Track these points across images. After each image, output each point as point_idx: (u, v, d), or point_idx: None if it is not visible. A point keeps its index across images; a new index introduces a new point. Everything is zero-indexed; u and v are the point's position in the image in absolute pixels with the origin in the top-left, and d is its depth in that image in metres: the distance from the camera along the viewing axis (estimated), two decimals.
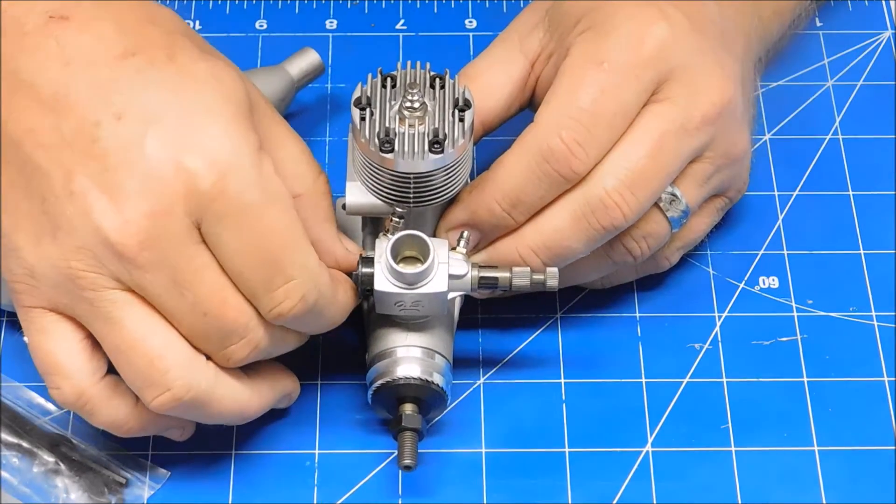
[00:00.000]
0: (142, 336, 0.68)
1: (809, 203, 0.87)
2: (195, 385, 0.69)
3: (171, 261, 0.66)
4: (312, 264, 0.69)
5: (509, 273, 0.73)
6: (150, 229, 0.66)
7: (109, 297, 0.67)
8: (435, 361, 0.75)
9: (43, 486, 0.75)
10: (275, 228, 0.67)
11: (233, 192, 0.66)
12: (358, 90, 0.72)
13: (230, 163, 0.66)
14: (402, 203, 0.73)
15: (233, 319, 0.68)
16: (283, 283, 0.68)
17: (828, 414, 0.79)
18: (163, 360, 0.68)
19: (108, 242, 0.66)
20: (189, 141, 0.66)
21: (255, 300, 0.68)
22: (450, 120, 0.71)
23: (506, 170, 0.73)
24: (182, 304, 0.67)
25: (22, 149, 0.67)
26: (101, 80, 0.67)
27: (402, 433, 0.74)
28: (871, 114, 0.91)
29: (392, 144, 0.71)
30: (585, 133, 0.72)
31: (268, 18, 0.95)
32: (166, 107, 0.67)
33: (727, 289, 0.83)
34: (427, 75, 0.73)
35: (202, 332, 0.68)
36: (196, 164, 0.66)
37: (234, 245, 0.67)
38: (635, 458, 0.77)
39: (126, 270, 0.66)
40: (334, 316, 0.72)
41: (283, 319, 0.69)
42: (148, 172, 0.66)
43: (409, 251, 0.73)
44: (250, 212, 0.67)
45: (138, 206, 0.66)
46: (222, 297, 0.68)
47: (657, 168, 0.74)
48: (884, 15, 0.95)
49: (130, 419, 0.71)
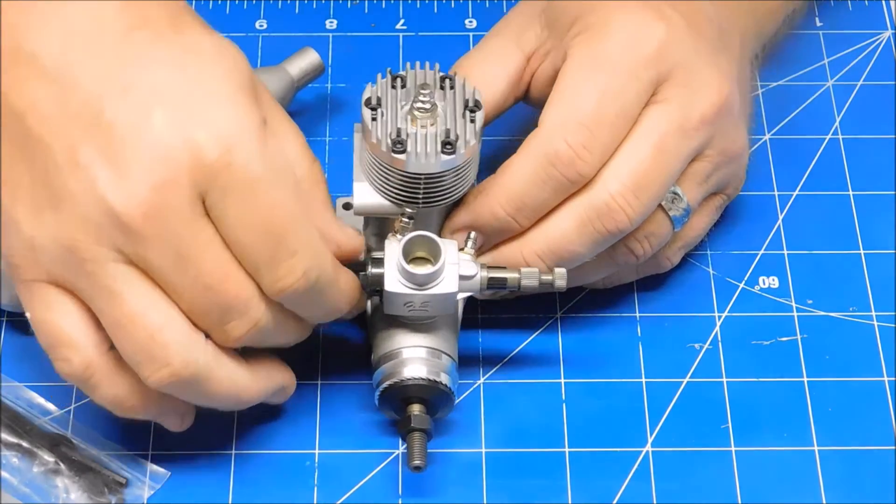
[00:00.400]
0: (142, 310, 0.67)
1: (809, 203, 0.87)
2: (194, 361, 0.68)
3: (175, 234, 0.66)
4: (315, 241, 0.69)
5: (518, 274, 0.74)
6: (155, 201, 0.65)
7: (111, 271, 0.67)
8: (441, 361, 0.75)
9: (43, 486, 0.75)
10: (280, 202, 0.67)
11: (239, 166, 0.66)
12: (368, 90, 0.72)
13: (236, 137, 0.66)
14: (411, 203, 0.73)
15: (234, 294, 0.68)
16: (286, 257, 0.67)
17: (828, 414, 0.79)
18: (163, 335, 0.68)
19: (112, 214, 0.66)
20: (195, 114, 0.66)
21: (257, 275, 0.68)
22: (461, 121, 0.71)
23: (511, 174, 0.74)
24: (184, 278, 0.67)
25: (24, 122, 0.67)
26: (106, 53, 0.67)
27: (410, 434, 0.74)
28: (871, 114, 0.91)
29: (404, 145, 0.71)
30: (590, 136, 0.73)
31: (268, 18, 0.95)
32: (172, 80, 0.67)
33: (727, 289, 0.83)
34: (437, 76, 0.73)
35: (203, 307, 0.68)
36: (202, 137, 0.66)
37: (239, 219, 0.67)
38: (635, 458, 0.77)
39: (129, 243, 0.66)
40: (336, 302, 0.72)
41: (285, 295, 0.69)
42: (154, 145, 0.66)
43: (420, 252, 0.73)
44: (256, 185, 0.66)
45: (144, 177, 0.65)
46: (225, 271, 0.67)
47: (659, 170, 0.74)
48: (884, 15, 0.95)
49: (133, 396, 0.71)
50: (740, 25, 0.80)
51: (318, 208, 0.72)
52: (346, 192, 0.81)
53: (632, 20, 0.75)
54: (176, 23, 0.68)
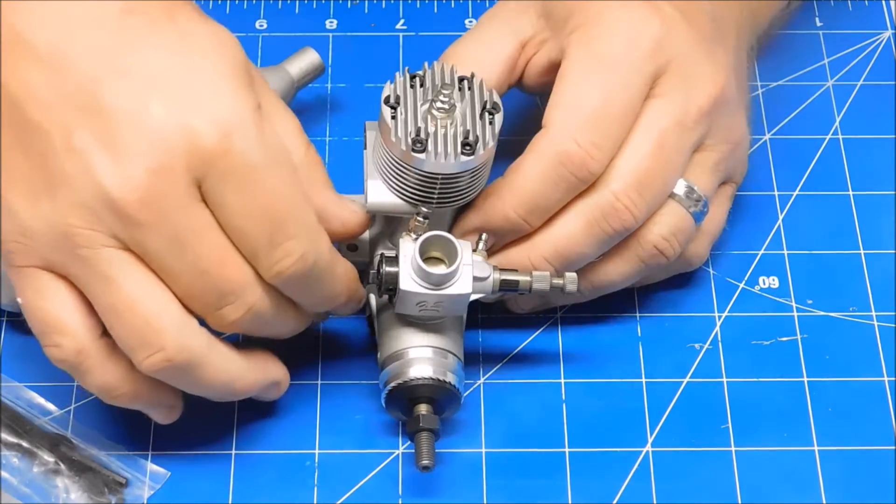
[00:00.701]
0: (138, 296, 0.67)
1: (809, 203, 0.87)
2: (188, 347, 0.68)
3: (172, 219, 0.66)
4: (313, 224, 0.69)
5: (530, 277, 0.74)
6: (152, 186, 0.65)
7: (106, 256, 0.67)
8: (448, 361, 0.75)
9: (43, 486, 0.75)
10: (278, 188, 0.67)
11: (237, 151, 0.66)
12: (387, 89, 0.72)
13: (234, 122, 0.66)
14: (425, 203, 0.73)
15: (231, 279, 0.68)
16: (283, 240, 0.67)
17: (828, 414, 0.79)
18: (158, 320, 0.67)
19: (108, 199, 0.66)
20: (192, 100, 0.66)
21: (254, 259, 0.68)
22: (479, 122, 0.72)
23: (522, 176, 0.74)
24: (181, 263, 0.67)
25: (20, 107, 0.67)
26: (101, 38, 0.67)
27: (418, 434, 0.74)
28: (871, 114, 0.91)
29: (424, 144, 0.71)
30: (599, 134, 0.73)
31: (268, 18, 0.95)
32: (168, 66, 0.67)
33: (727, 289, 0.83)
34: (454, 76, 0.73)
35: (199, 292, 0.68)
36: (200, 122, 0.66)
37: (237, 204, 0.67)
38: (635, 458, 0.77)
39: (125, 228, 0.66)
40: (333, 288, 0.72)
41: (282, 278, 0.68)
42: (151, 130, 0.66)
43: (434, 252, 0.73)
44: (254, 171, 0.66)
45: (140, 162, 0.65)
46: (222, 255, 0.67)
47: (661, 166, 0.74)
48: (884, 15, 0.95)
49: (124, 384, 0.70)
50: (735, 17, 0.81)
51: (317, 189, 0.72)
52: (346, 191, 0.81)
53: (628, 16, 0.75)
54: (171, 9, 0.68)
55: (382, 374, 0.75)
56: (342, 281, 0.72)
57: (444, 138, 0.71)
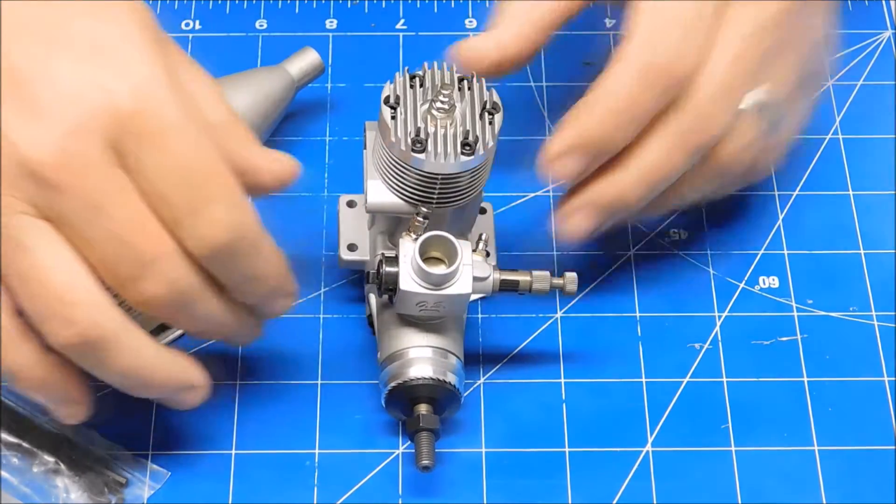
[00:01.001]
0: (52, 266, 0.65)
1: (809, 203, 0.87)
2: (102, 324, 0.66)
3: (88, 183, 0.65)
4: (236, 189, 0.67)
5: (529, 277, 0.74)
6: (68, 149, 0.64)
7: (20, 223, 0.65)
8: (448, 361, 0.75)
9: (43, 486, 0.75)
10: (197, 149, 0.66)
11: (153, 113, 0.65)
12: (387, 89, 0.72)
13: (150, 85, 0.65)
14: (425, 203, 0.73)
15: (150, 248, 0.66)
16: (206, 205, 0.66)
17: (828, 414, 0.79)
18: (73, 294, 0.66)
19: (23, 163, 0.64)
20: (107, 62, 0.65)
21: (177, 226, 0.66)
22: (479, 122, 0.72)
23: (613, 84, 0.73)
24: (98, 230, 0.65)
25: None
26: (13, 4, 0.66)
27: (418, 434, 0.74)
28: (871, 114, 0.91)
29: (423, 144, 0.71)
30: (685, 40, 0.73)
31: (268, 18, 0.95)
32: (83, 29, 0.66)
33: (727, 289, 0.83)
34: (454, 76, 0.73)
35: (116, 261, 0.66)
36: (116, 85, 0.65)
37: (156, 167, 0.65)
38: (635, 458, 0.77)
39: (41, 193, 0.65)
40: (260, 267, 0.69)
41: (206, 248, 0.66)
42: (66, 93, 0.65)
43: (434, 252, 0.73)
44: (172, 132, 0.65)
45: (56, 126, 0.64)
46: (140, 221, 0.65)
47: (743, 72, 0.74)
48: (884, 15, 0.95)
49: (36, 367, 0.68)
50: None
51: (240, 145, 0.69)
52: (346, 191, 0.81)
53: None
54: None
55: (382, 373, 0.75)
56: (271, 260, 0.70)
57: (443, 138, 0.71)
